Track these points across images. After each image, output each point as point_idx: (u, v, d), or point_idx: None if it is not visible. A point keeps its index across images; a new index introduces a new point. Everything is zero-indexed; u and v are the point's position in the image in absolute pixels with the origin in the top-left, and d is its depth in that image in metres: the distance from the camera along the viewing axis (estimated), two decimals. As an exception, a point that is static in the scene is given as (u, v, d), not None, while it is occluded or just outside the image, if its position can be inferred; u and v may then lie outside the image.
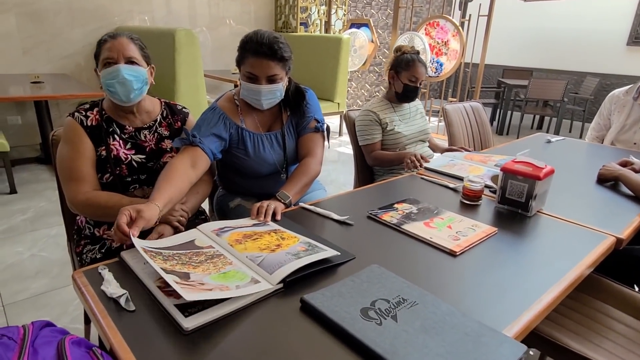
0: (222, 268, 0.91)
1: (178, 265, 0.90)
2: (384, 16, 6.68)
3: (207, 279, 0.86)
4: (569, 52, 6.50)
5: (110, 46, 1.25)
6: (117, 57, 1.25)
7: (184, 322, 0.75)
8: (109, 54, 1.25)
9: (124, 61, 1.26)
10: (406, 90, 1.98)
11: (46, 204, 2.88)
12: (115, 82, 1.24)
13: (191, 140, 1.31)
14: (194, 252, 0.99)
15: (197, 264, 0.92)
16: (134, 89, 1.27)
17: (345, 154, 4.47)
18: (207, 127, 1.38)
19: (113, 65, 1.25)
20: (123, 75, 1.24)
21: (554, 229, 1.25)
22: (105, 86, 1.26)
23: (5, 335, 0.55)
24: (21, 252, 2.28)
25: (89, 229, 1.34)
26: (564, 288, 0.95)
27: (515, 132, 5.72)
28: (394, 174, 2.01)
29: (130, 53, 1.27)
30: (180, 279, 0.83)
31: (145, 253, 0.91)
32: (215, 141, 1.38)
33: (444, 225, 1.20)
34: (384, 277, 0.91)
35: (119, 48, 1.25)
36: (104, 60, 1.26)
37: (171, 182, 1.18)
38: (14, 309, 1.84)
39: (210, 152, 1.35)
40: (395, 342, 0.72)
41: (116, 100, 1.29)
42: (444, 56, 4.81)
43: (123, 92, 1.26)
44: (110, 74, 1.24)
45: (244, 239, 1.05)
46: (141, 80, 1.29)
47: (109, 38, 1.26)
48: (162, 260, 0.91)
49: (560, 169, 1.64)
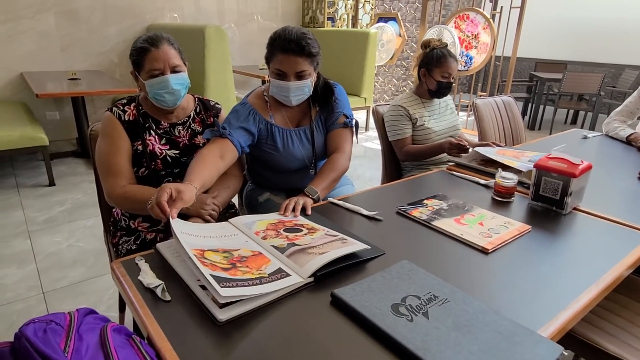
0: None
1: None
2: (412, 9, 6.58)
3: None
4: (606, 43, 6.25)
5: (155, 56, 1.26)
6: (164, 68, 1.27)
7: (218, 314, 0.77)
8: (155, 64, 1.26)
9: (170, 71, 1.28)
10: (440, 87, 1.95)
11: (82, 196, 3.00)
12: (164, 92, 1.28)
13: (221, 132, 1.34)
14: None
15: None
16: (181, 96, 1.33)
17: (371, 149, 4.44)
18: (236, 120, 1.40)
19: (160, 75, 1.27)
20: (172, 86, 1.28)
21: (591, 227, 1.21)
22: (153, 94, 1.29)
23: (54, 321, 0.58)
24: (60, 242, 2.38)
25: (124, 221, 1.38)
26: (602, 289, 0.92)
27: (548, 127, 5.55)
28: (422, 169, 1.99)
29: (175, 61, 1.29)
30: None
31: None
32: (244, 135, 1.40)
33: (475, 222, 1.18)
34: (414, 274, 0.91)
35: (164, 58, 1.26)
36: (150, 71, 1.27)
37: (203, 169, 1.22)
38: (54, 295, 1.92)
39: (239, 145, 1.37)
40: (427, 339, 0.72)
41: (163, 106, 1.33)
42: (474, 50, 4.71)
43: (172, 100, 1.31)
44: (159, 84, 1.27)
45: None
46: (186, 85, 1.33)
47: (150, 47, 1.26)
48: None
49: (599, 165, 1.59)
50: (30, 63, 3.93)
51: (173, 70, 1.29)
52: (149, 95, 1.30)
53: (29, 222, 2.60)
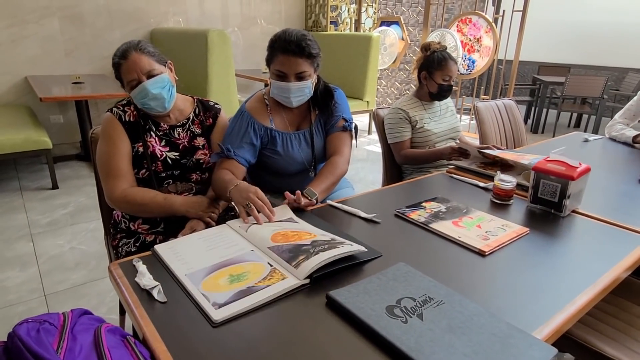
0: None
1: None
2: (414, 13, 6.59)
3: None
4: (609, 47, 6.23)
5: (126, 68, 1.27)
6: (138, 76, 1.27)
7: (214, 315, 0.77)
8: (129, 76, 1.27)
9: (145, 77, 1.28)
10: (441, 90, 1.96)
11: (85, 199, 3.01)
12: (147, 99, 1.29)
13: (226, 154, 1.38)
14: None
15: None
16: (166, 98, 1.32)
17: (374, 152, 4.44)
18: (238, 137, 1.43)
19: (137, 85, 1.27)
20: (151, 92, 1.28)
21: (589, 230, 1.21)
22: (140, 105, 1.31)
23: (47, 321, 0.59)
24: (62, 245, 2.39)
25: (124, 223, 1.39)
26: (599, 291, 0.92)
27: (551, 131, 5.53)
28: (422, 172, 1.99)
29: (147, 67, 1.28)
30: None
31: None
32: (248, 150, 1.44)
33: (473, 225, 1.18)
34: (411, 276, 0.91)
35: (134, 68, 1.26)
36: (128, 83, 1.28)
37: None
38: (55, 298, 1.93)
39: (245, 161, 1.42)
40: (421, 341, 0.72)
41: (155, 113, 1.34)
42: (476, 53, 4.71)
43: (158, 105, 1.32)
44: (139, 93, 1.28)
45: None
46: (168, 87, 1.33)
47: (120, 60, 1.27)
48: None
49: (598, 168, 1.59)
50: (34, 67, 3.97)
51: (149, 75, 1.28)
52: (139, 106, 1.32)
53: (32, 224, 2.61)
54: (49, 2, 3.89)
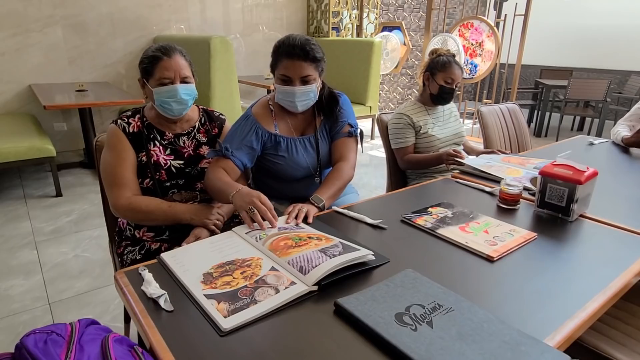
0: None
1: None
2: (416, 18, 6.61)
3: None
4: (611, 50, 6.22)
5: (166, 65, 1.28)
6: (174, 77, 1.28)
7: (222, 323, 0.77)
8: (166, 73, 1.28)
9: (180, 81, 1.29)
10: (442, 92, 1.95)
11: (89, 207, 3.01)
12: (172, 101, 1.30)
13: (224, 153, 1.37)
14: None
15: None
16: (188, 106, 1.34)
17: (377, 158, 4.44)
18: (239, 138, 1.42)
19: (169, 84, 1.28)
20: (181, 96, 1.30)
21: (598, 234, 1.20)
22: (160, 102, 1.31)
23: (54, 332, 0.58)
24: (66, 252, 2.39)
25: (129, 231, 1.39)
26: (609, 297, 0.91)
27: (554, 134, 5.52)
28: (427, 177, 1.98)
29: (185, 72, 1.31)
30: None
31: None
32: (246, 153, 1.42)
33: (481, 230, 1.17)
34: (419, 282, 0.90)
35: (175, 68, 1.28)
36: (160, 79, 1.28)
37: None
38: (60, 306, 1.93)
39: (241, 164, 1.40)
40: (431, 349, 0.71)
41: (168, 115, 1.34)
42: (479, 57, 4.71)
43: (178, 109, 1.32)
44: (167, 92, 1.29)
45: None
46: (193, 97, 1.35)
47: (163, 55, 1.28)
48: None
49: (605, 172, 1.58)
50: (38, 75, 3.99)
51: (183, 80, 1.30)
52: (155, 103, 1.32)
53: (36, 232, 2.61)
54: (53, 11, 3.92)
